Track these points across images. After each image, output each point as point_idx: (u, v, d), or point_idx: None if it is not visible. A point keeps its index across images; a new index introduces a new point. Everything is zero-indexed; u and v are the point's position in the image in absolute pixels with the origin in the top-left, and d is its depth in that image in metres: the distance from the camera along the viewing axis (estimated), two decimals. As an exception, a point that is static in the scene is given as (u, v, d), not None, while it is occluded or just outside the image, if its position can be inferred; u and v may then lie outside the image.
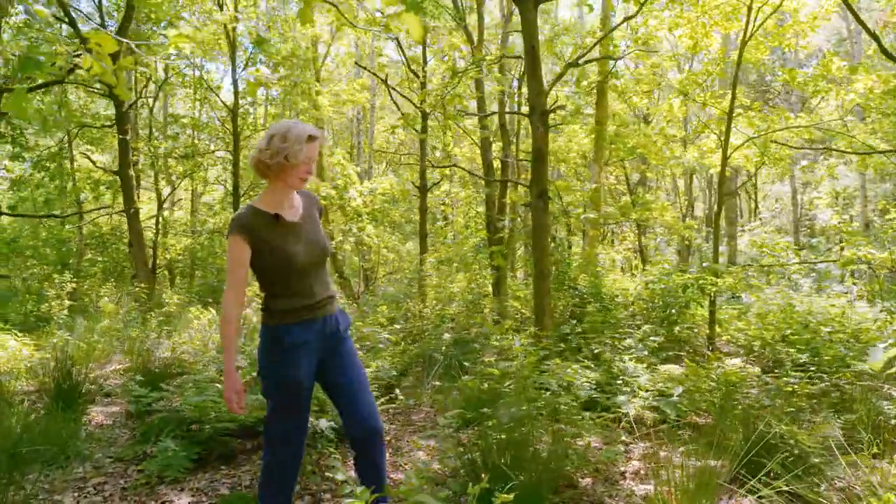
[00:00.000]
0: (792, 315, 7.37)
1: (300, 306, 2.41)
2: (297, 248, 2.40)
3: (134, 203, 9.66)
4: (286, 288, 2.41)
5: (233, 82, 12.68)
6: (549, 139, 5.46)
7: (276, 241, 2.37)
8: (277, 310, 2.40)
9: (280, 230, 2.40)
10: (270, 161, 2.32)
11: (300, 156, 2.31)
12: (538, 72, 5.35)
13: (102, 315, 7.24)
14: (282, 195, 2.43)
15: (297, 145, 2.30)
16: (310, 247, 2.45)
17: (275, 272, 2.39)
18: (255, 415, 3.86)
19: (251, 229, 2.34)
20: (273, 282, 2.41)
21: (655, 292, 6.71)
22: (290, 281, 2.40)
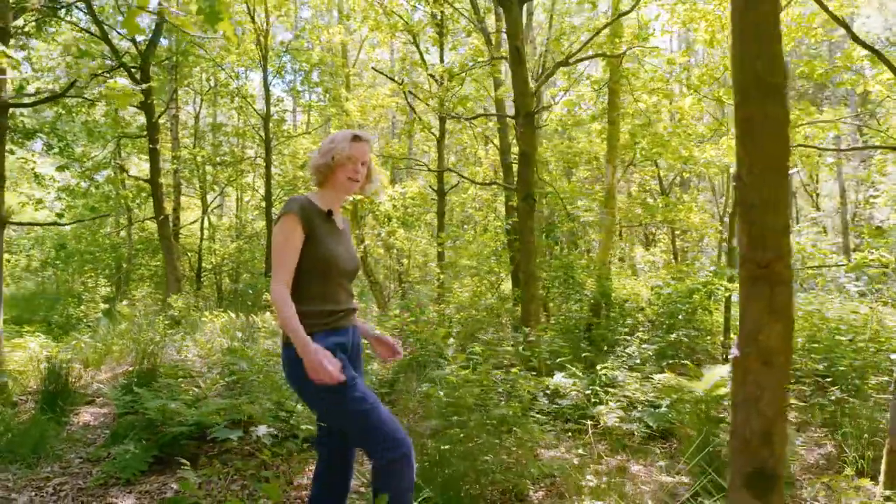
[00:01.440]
0: (820, 321, 6.96)
1: (331, 311, 2.37)
2: (340, 251, 2.41)
3: (163, 211, 10.01)
4: (322, 289, 2.36)
5: (264, 90, 13.00)
6: (535, 141, 5.33)
7: (326, 237, 2.36)
8: (310, 312, 2.30)
9: (330, 228, 2.41)
10: (320, 162, 2.40)
11: (345, 153, 2.37)
12: (523, 72, 5.23)
13: (122, 318, 7.53)
14: (333, 199, 2.46)
15: (342, 144, 2.38)
16: (349, 256, 2.47)
17: (316, 269, 2.33)
18: (212, 419, 3.91)
19: (308, 214, 2.32)
20: (310, 281, 2.33)
21: (663, 298, 6.45)
22: (327, 283, 2.37)
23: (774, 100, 1.33)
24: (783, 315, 1.33)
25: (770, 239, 1.32)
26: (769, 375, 1.33)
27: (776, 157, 1.33)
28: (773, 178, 1.33)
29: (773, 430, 1.33)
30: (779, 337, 1.32)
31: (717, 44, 7.59)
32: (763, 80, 1.33)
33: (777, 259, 1.32)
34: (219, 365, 6.01)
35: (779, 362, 1.32)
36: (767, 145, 1.33)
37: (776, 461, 1.33)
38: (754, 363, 1.34)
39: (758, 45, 1.33)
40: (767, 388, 1.33)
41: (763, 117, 1.34)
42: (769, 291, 1.33)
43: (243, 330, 7.76)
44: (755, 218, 1.33)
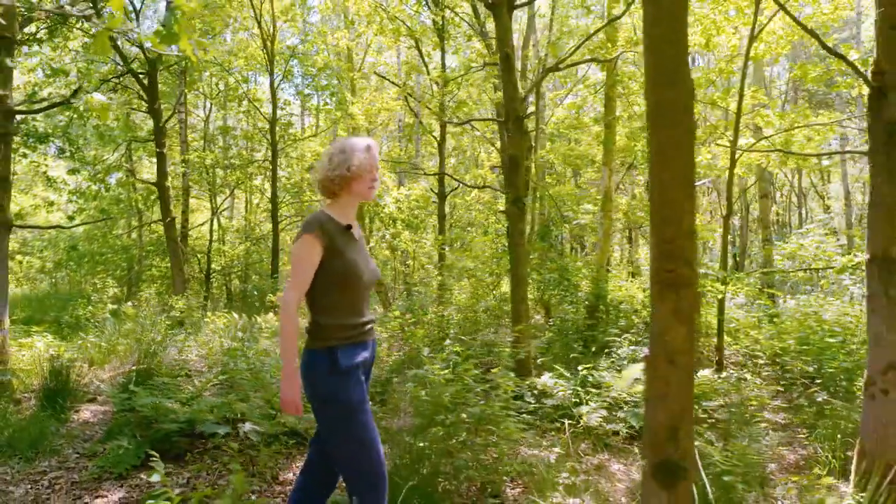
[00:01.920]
0: (816, 323, 6.98)
1: (354, 324, 2.38)
2: (361, 263, 2.42)
3: (170, 213, 10.21)
4: (345, 303, 2.38)
5: (271, 94, 13.18)
6: (524, 146, 5.41)
7: (348, 251, 2.37)
8: (331, 324, 2.34)
9: (351, 242, 2.42)
10: (334, 174, 2.40)
11: (363, 164, 2.39)
12: (512, 77, 5.32)
13: (127, 318, 7.70)
14: (349, 209, 2.47)
15: (358, 154, 2.40)
16: (369, 267, 2.48)
17: (339, 283, 2.35)
18: (204, 416, 4.05)
19: (329, 233, 2.33)
20: (332, 294, 2.36)
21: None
22: (350, 296, 2.38)
23: (682, 120, 1.43)
24: (687, 318, 1.42)
25: (676, 245, 1.42)
26: (675, 374, 1.42)
27: (682, 172, 1.43)
28: (679, 191, 1.42)
29: (680, 425, 1.42)
30: (683, 338, 1.41)
31: (713, 47, 7.63)
32: (671, 104, 1.42)
33: (682, 265, 1.42)
34: (218, 364, 6.16)
35: (683, 362, 1.41)
36: (674, 161, 1.43)
37: (682, 454, 1.42)
38: (661, 362, 1.43)
39: (665, 72, 1.43)
40: (673, 385, 1.43)
41: (672, 137, 1.43)
42: (675, 295, 1.42)
43: (245, 330, 7.91)
44: (663, 226, 1.42)
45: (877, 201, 3.40)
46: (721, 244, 6.82)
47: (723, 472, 3.04)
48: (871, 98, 3.41)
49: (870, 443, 3.36)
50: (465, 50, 11.19)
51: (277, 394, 4.49)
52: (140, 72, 10.34)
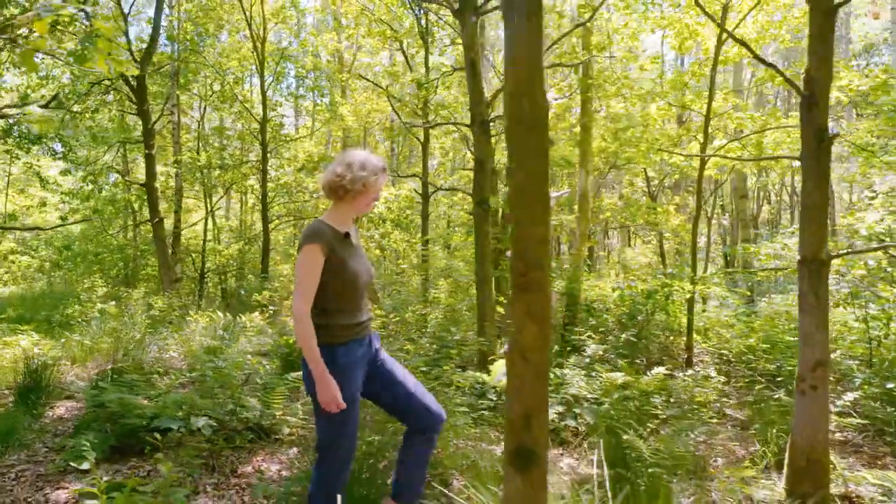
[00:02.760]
0: (787, 321, 7.10)
1: (352, 323, 2.59)
2: (360, 267, 2.63)
3: (158, 213, 10.37)
4: (344, 304, 2.57)
5: (261, 95, 13.32)
6: (490, 149, 5.55)
7: (347, 257, 2.57)
8: (332, 325, 2.53)
9: (348, 248, 2.62)
10: (350, 186, 2.57)
11: (376, 185, 2.62)
12: (478, 82, 5.46)
13: (111, 317, 7.86)
14: (348, 217, 2.67)
15: (373, 176, 2.60)
16: (366, 270, 2.68)
17: (338, 287, 2.54)
18: (169, 412, 4.19)
19: (329, 242, 2.52)
20: (332, 297, 2.55)
21: (626, 299, 6.64)
22: (348, 298, 2.58)
23: (535, 132, 1.56)
24: (539, 317, 1.55)
25: (529, 251, 1.55)
26: (527, 368, 1.55)
27: (537, 182, 1.56)
28: (534, 199, 1.56)
29: (533, 415, 1.55)
30: (534, 336, 1.54)
31: (686, 49, 7.75)
32: (526, 118, 1.56)
33: (534, 269, 1.55)
34: (197, 362, 6.30)
35: (534, 358, 1.54)
36: (530, 172, 1.56)
37: (535, 441, 1.55)
38: (517, 358, 1.56)
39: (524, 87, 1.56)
40: (527, 379, 1.56)
41: (527, 149, 1.57)
42: (527, 297, 1.55)
43: (228, 329, 8.05)
44: (519, 232, 1.56)
45: (807, 205, 3.52)
46: (691, 244, 6.95)
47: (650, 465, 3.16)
48: (802, 105, 3.53)
49: (800, 437, 3.48)
50: (450, 53, 11.33)
51: (241, 390, 4.64)
52: (129, 75, 10.48)
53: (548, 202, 1.57)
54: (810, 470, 3.44)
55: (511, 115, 1.57)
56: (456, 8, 5.56)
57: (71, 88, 12.32)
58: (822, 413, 3.47)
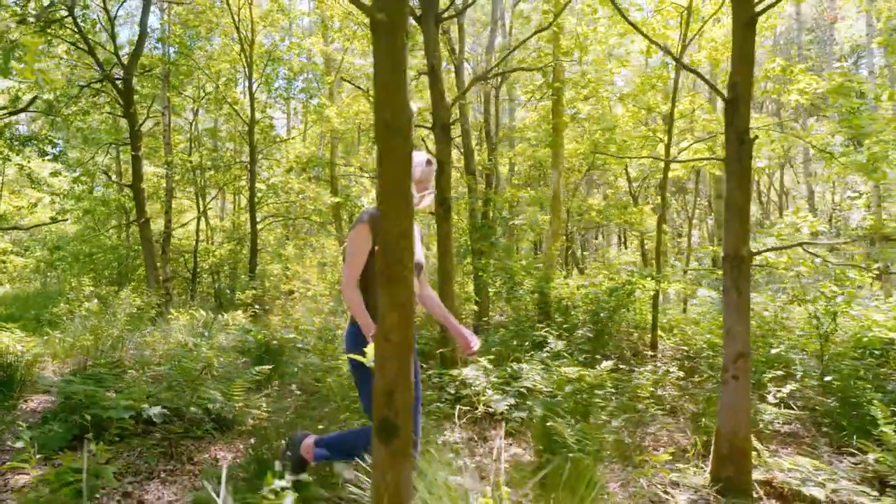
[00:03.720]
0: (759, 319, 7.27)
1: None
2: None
3: (145, 214, 10.57)
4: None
5: (249, 97, 13.52)
6: (451, 151, 5.73)
7: None
8: (371, 303, 2.70)
9: None
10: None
11: (418, 176, 2.83)
12: (439, 87, 5.65)
13: (93, 315, 8.05)
14: None
15: (419, 167, 2.84)
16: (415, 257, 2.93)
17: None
18: (134, 404, 4.37)
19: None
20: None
21: (591, 297, 6.82)
22: None
23: (398, 137, 1.75)
24: (400, 305, 1.73)
25: (392, 246, 1.74)
26: (389, 348, 1.73)
27: (399, 183, 1.75)
28: (397, 198, 1.75)
29: (395, 390, 1.74)
30: (395, 321, 1.72)
31: (653, 52, 7.93)
32: (390, 125, 1.75)
33: (395, 262, 1.73)
34: (176, 358, 6.50)
35: (395, 338, 1.73)
36: (393, 174, 1.75)
37: (396, 415, 1.74)
38: (381, 340, 1.75)
39: (386, 97, 1.75)
40: (388, 358, 1.74)
41: (391, 153, 1.75)
42: (391, 286, 1.74)
43: (209, 326, 8.25)
44: (384, 228, 1.75)
45: (730, 204, 3.70)
46: (656, 244, 7.13)
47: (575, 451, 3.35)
48: (726, 109, 3.72)
49: (724, 425, 3.66)
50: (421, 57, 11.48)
51: (203, 383, 4.83)
52: (116, 78, 10.69)
53: (409, 201, 1.76)
54: (733, 456, 3.62)
55: (377, 122, 1.76)
56: (418, 15, 5.74)
57: (63, 91, 12.54)
58: (743, 402, 3.64)
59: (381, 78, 1.75)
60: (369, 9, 1.74)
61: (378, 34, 1.74)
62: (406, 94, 1.76)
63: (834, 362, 5.23)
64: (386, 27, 1.71)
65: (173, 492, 3.58)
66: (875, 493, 3.52)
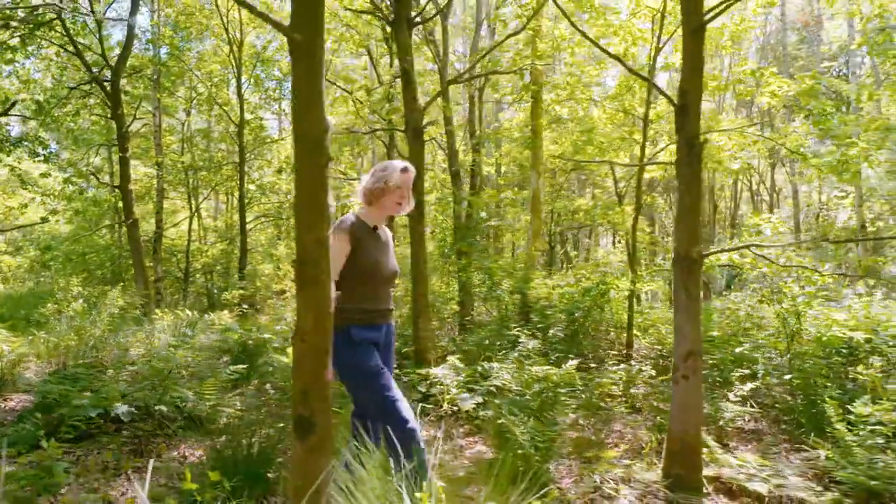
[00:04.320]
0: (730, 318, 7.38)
1: (369, 309, 2.86)
2: (382, 260, 2.92)
3: (133, 215, 10.66)
4: (365, 291, 2.85)
5: (238, 98, 13.62)
6: (423, 154, 5.83)
7: (371, 247, 2.88)
8: (352, 309, 2.79)
9: (375, 240, 2.93)
10: (373, 187, 2.89)
11: (397, 182, 2.87)
12: (412, 90, 5.74)
13: (78, 316, 8.14)
14: (378, 216, 2.97)
15: (395, 174, 2.89)
16: (390, 264, 2.97)
17: (362, 274, 2.82)
18: (106, 403, 4.47)
19: (355, 231, 2.83)
20: (355, 284, 2.82)
21: (567, 297, 6.91)
22: (370, 286, 2.86)
23: (314, 148, 1.84)
24: (314, 307, 1.83)
25: (308, 251, 1.83)
26: (305, 349, 1.83)
27: (314, 193, 1.84)
28: (312, 208, 1.84)
29: (309, 390, 1.83)
30: (311, 322, 1.82)
31: (631, 56, 8.02)
32: (306, 137, 1.84)
33: (311, 266, 1.83)
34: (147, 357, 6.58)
35: (311, 340, 1.82)
36: (309, 184, 1.85)
37: (311, 412, 1.83)
38: (297, 341, 1.84)
39: (305, 110, 1.85)
40: (304, 357, 1.84)
41: (306, 164, 1.85)
42: (306, 290, 1.83)
43: (193, 326, 8.33)
44: (299, 235, 1.84)
45: (681, 207, 3.80)
46: (631, 244, 7.22)
47: (526, 447, 3.44)
48: (677, 115, 3.81)
49: (675, 423, 3.76)
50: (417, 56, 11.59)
51: (176, 382, 4.93)
52: (104, 80, 10.78)
53: (324, 209, 1.85)
54: (684, 453, 3.72)
55: (294, 134, 1.86)
56: (391, 20, 5.83)
57: (53, 93, 12.62)
58: (694, 400, 3.74)
59: (298, 93, 1.85)
60: (287, 29, 1.83)
61: (295, 53, 1.83)
62: (322, 109, 1.85)
63: (799, 361, 5.32)
64: (303, 47, 1.81)
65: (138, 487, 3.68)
66: (820, 489, 3.62)
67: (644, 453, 4.14)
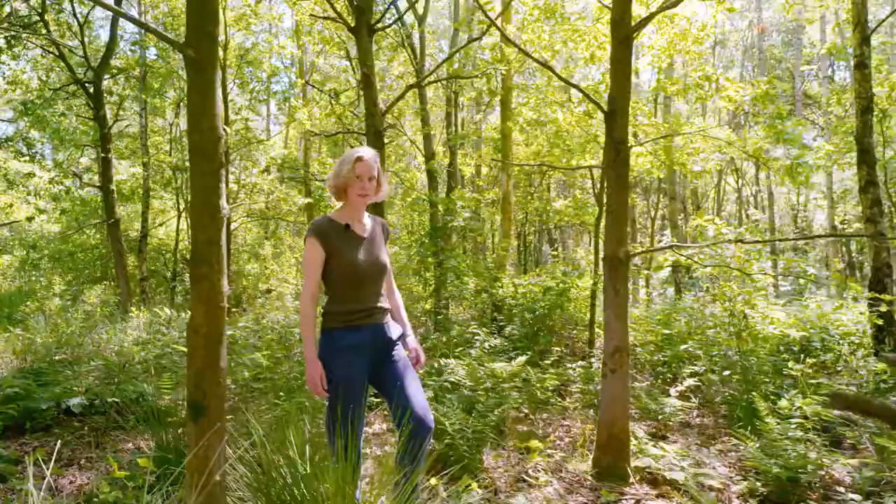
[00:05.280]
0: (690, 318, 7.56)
1: (354, 310, 2.73)
2: (360, 257, 2.77)
3: (114, 215, 10.83)
4: (346, 292, 2.74)
5: (223, 100, 13.78)
6: (382, 156, 5.99)
7: (345, 247, 2.74)
8: (334, 312, 2.72)
9: (348, 239, 2.78)
10: (334, 182, 2.81)
11: (352, 173, 2.74)
12: (373, 95, 5.91)
13: (55, 314, 8.32)
14: (350, 212, 2.83)
15: (347, 166, 2.75)
16: (371, 260, 2.80)
17: (339, 276, 2.73)
18: (56, 396, 4.64)
19: (325, 234, 2.72)
20: (335, 285, 2.75)
21: (529, 296, 7.09)
22: (350, 286, 2.74)
23: (206, 157, 2.01)
24: (206, 301, 2.00)
25: (200, 250, 2.00)
26: (197, 339, 2.00)
27: (207, 197, 2.01)
28: (204, 211, 2.01)
29: (202, 376, 2.01)
30: (202, 315, 1.99)
31: (597, 60, 8.18)
32: (198, 147, 2.01)
33: (203, 264, 2.00)
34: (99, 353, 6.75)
35: (203, 332, 1.99)
36: (202, 189, 2.01)
37: (203, 396, 2.01)
38: (191, 332, 2.02)
39: (198, 121, 2.02)
40: (197, 347, 2.01)
41: (199, 171, 2.02)
42: (198, 285, 2.01)
43: (168, 324, 8.50)
44: (193, 236, 2.01)
45: (609, 210, 3.97)
46: (594, 244, 7.39)
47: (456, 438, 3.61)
48: (606, 120, 3.98)
49: (604, 416, 3.93)
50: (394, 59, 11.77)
51: (136, 377, 5.10)
52: (87, 81, 10.94)
53: (216, 212, 2.02)
54: (611, 444, 3.89)
55: (189, 143, 2.03)
56: (352, 26, 6.00)
57: (39, 93, 12.79)
58: (621, 393, 3.91)
59: (192, 105, 2.02)
60: (181, 45, 2.00)
61: (189, 68, 2.00)
62: (214, 119, 2.02)
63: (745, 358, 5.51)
64: (196, 63, 1.97)
65: (87, 477, 3.85)
66: (739, 477, 3.80)
67: (579, 445, 4.31)
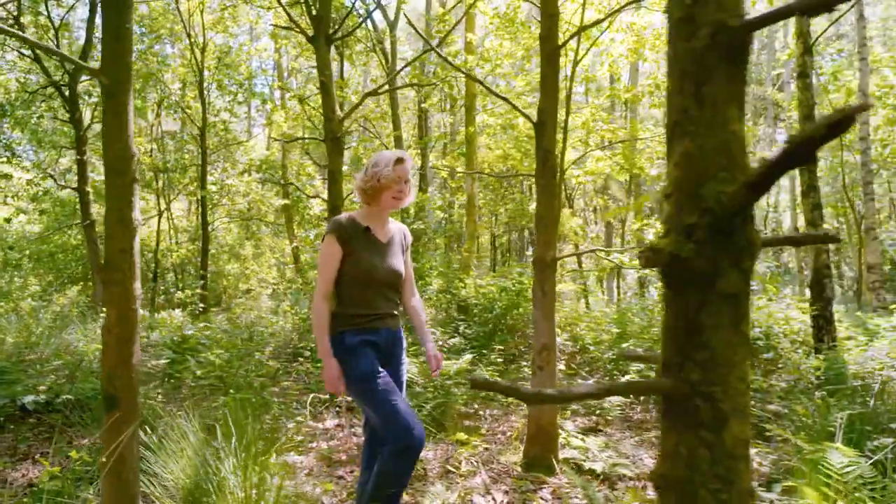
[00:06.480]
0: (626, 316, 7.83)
1: (362, 314, 2.65)
2: (378, 262, 2.68)
3: (90, 216, 10.96)
4: (360, 295, 2.66)
5: (200, 101, 13.92)
6: (341, 161, 6.20)
7: (363, 250, 2.66)
8: (343, 313, 2.64)
9: (368, 242, 2.70)
10: (366, 185, 2.69)
11: (391, 176, 2.65)
12: (330, 101, 6.12)
13: (28, 314, 8.46)
14: (375, 216, 2.75)
15: (386, 168, 2.66)
16: (386, 267, 2.71)
17: (355, 279, 2.64)
18: (9, 393, 4.82)
19: (345, 233, 2.65)
20: (348, 288, 2.66)
21: (488, 297, 7.32)
22: (365, 290, 2.66)
23: (119, 177, 2.22)
24: (117, 303, 2.20)
25: (113, 256, 2.20)
26: (111, 339, 2.21)
27: (121, 210, 2.22)
28: (118, 223, 2.22)
29: (114, 372, 2.22)
30: (115, 316, 2.19)
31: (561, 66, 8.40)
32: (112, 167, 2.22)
33: (115, 270, 2.21)
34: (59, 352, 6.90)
35: (115, 331, 2.20)
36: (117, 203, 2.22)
37: (116, 389, 2.22)
38: (105, 332, 2.22)
39: (112, 142, 2.22)
40: (110, 346, 2.22)
41: (113, 187, 2.22)
42: (110, 289, 2.22)
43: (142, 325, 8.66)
44: (107, 243, 2.22)
45: (538, 215, 4.20)
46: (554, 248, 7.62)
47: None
48: (535, 131, 4.21)
49: (532, 410, 4.16)
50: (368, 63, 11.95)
51: (94, 374, 5.28)
52: (62, 84, 11.07)
53: (129, 223, 2.23)
54: (540, 437, 4.12)
55: (104, 162, 2.23)
56: (310, 35, 6.21)
57: (17, 95, 12.89)
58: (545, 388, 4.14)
59: (106, 127, 2.22)
60: (97, 72, 2.20)
61: (104, 93, 2.20)
62: (127, 141, 2.23)
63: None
64: (110, 89, 2.18)
65: (39, 471, 4.03)
66: (658, 468, 4.04)
67: (514, 438, 4.54)
